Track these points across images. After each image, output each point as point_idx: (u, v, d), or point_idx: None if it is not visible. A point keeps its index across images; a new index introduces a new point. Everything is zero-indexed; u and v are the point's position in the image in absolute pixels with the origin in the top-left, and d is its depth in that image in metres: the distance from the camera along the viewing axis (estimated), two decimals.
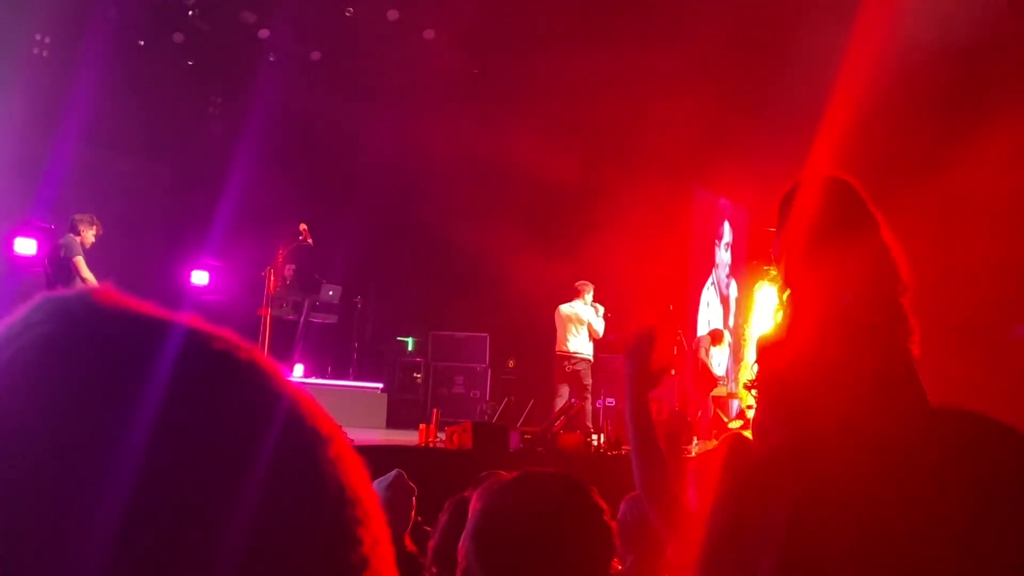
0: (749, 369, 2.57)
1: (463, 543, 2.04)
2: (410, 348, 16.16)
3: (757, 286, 14.74)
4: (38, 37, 12.62)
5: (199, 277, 12.97)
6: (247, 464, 0.55)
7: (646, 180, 13.73)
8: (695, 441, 10.41)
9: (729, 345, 13.92)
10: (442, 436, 8.94)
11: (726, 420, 12.87)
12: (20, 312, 0.59)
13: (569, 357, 12.25)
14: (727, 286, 16.83)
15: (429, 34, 14.27)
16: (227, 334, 0.60)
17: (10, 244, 11.90)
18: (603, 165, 14.26)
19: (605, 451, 9.51)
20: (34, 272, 12.12)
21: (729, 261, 16.90)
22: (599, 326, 12.39)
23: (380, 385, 14.04)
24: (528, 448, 8.68)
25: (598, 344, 12.66)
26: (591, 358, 12.44)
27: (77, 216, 10.91)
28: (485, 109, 13.92)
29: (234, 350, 0.59)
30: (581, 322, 12.35)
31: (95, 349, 0.55)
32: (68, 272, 10.52)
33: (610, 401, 13.68)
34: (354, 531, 0.58)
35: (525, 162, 13.76)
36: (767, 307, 14.29)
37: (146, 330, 0.58)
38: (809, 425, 2.07)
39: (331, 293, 13.77)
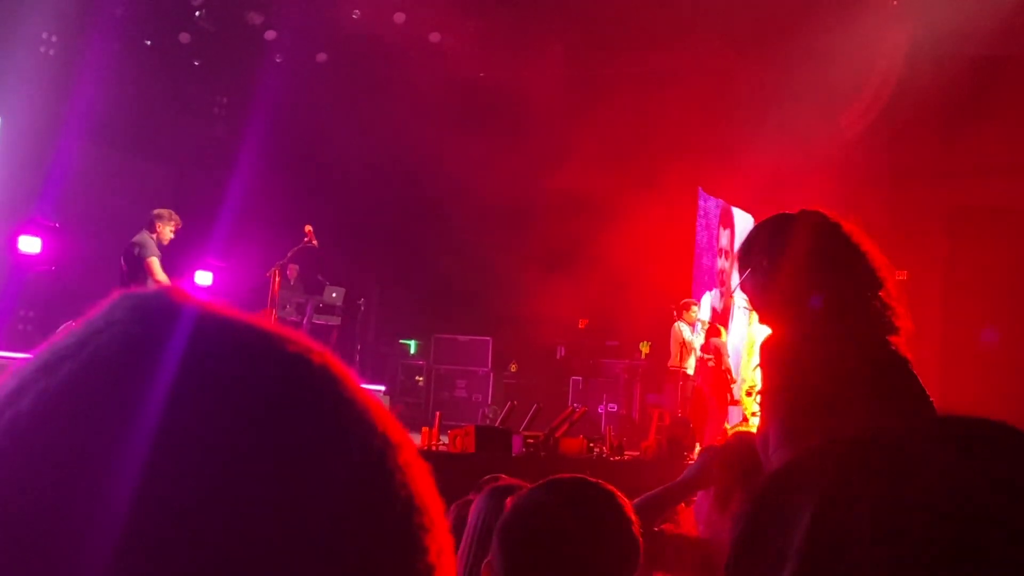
0: (751, 376, 2.57)
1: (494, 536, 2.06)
2: (412, 351, 16.16)
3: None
4: (45, 35, 12.63)
5: (203, 277, 12.96)
6: (320, 469, 0.55)
7: (651, 183, 13.73)
8: (697, 448, 10.38)
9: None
10: (444, 439, 8.93)
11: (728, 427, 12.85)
12: (100, 309, 0.58)
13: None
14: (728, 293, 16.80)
15: (435, 37, 14.28)
16: (300, 337, 0.59)
17: (14, 242, 11.91)
18: (607, 168, 14.26)
19: (607, 456, 9.49)
20: (38, 270, 12.13)
21: (729, 268, 16.85)
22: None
23: (383, 388, 14.03)
24: (531, 453, 8.66)
25: (595, 350, 12.74)
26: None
27: (155, 211, 10.44)
28: (490, 113, 13.93)
29: (307, 353, 0.58)
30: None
31: (174, 348, 0.55)
32: (143, 271, 10.12)
33: (612, 407, 13.68)
34: (422, 539, 0.57)
35: (529, 166, 13.78)
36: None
37: (222, 331, 0.58)
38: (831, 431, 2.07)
39: (334, 295, 13.77)
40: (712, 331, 13.66)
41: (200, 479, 0.51)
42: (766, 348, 2.57)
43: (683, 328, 13.02)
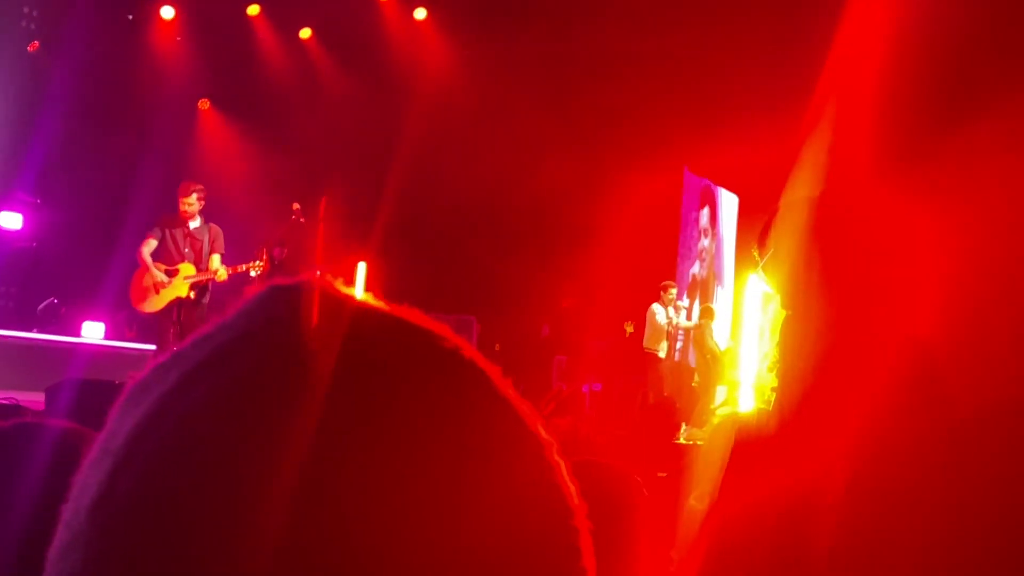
0: (770, 352, 2.56)
1: None
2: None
3: (747, 276, 14.78)
4: (26, 10, 12.48)
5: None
6: (489, 469, 0.54)
7: (637, 163, 13.72)
8: (683, 428, 10.43)
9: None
10: None
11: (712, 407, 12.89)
12: (252, 301, 0.58)
13: None
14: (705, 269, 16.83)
15: (420, 13, 14.21)
16: (448, 331, 0.58)
17: None
18: (594, 148, 14.24)
19: (592, 436, 9.51)
20: (19, 246, 12.03)
21: (709, 247, 16.86)
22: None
23: None
24: None
25: (585, 329, 12.75)
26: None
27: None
28: (477, 91, 13.86)
29: (461, 350, 0.57)
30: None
31: (338, 345, 0.54)
32: None
33: (596, 386, 13.70)
34: (576, 542, 0.56)
35: (515, 144, 13.75)
36: (755, 299, 14.33)
37: (385, 329, 0.57)
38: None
39: (319, 274, 13.72)
40: (705, 312, 13.72)
41: (366, 479, 0.51)
42: (787, 329, 2.56)
43: (657, 310, 13.03)
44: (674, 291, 13.14)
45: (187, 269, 9.29)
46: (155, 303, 9.20)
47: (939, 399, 2.35)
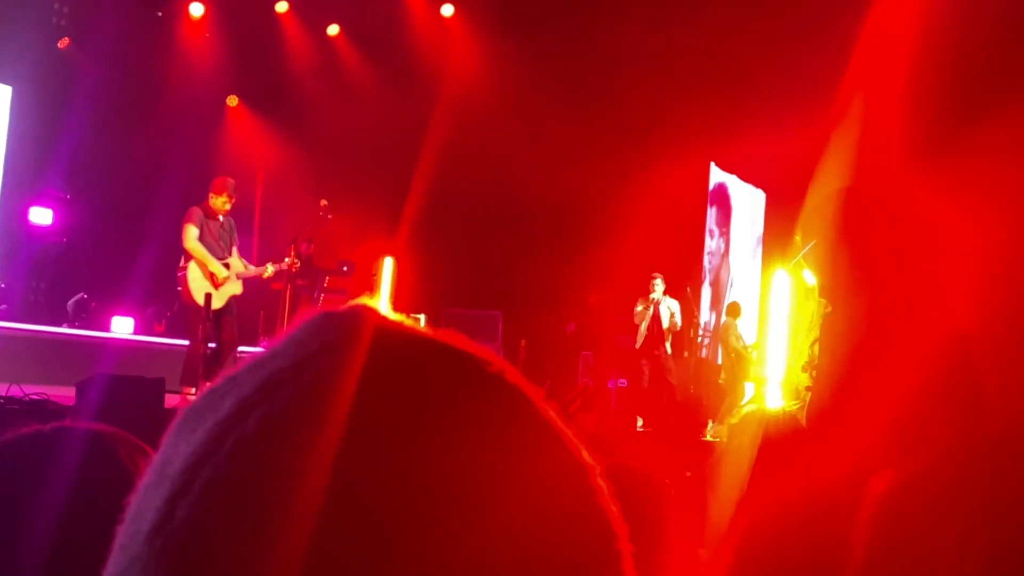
0: (808, 351, 2.56)
1: None
2: (422, 325, 16.11)
3: (774, 270, 14.69)
4: (56, 7, 12.58)
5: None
6: (527, 492, 0.54)
7: (664, 158, 13.68)
8: (710, 425, 10.40)
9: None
10: None
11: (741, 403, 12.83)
12: (305, 327, 0.59)
13: None
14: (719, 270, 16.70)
15: (447, 10, 14.23)
16: (491, 354, 0.59)
17: (25, 214, 11.90)
18: (620, 143, 14.21)
19: (620, 432, 9.51)
20: (50, 242, 12.13)
21: (721, 247, 16.75)
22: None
23: None
24: None
25: (611, 325, 12.67)
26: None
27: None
28: (503, 87, 13.86)
29: (505, 374, 0.58)
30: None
31: (388, 374, 0.55)
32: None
33: (622, 382, 13.67)
34: (620, 566, 0.57)
35: (540, 139, 13.73)
36: (783, 294, 14.20)
37: (433, 356, 0.58)
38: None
39: (345, 269, 13.79)
40: (731, 310, 13.61)
41: (416, 508, 0.51)
42: (827, 325, 2.55)
43: (639, 304, 12.74)
44: (657, 284, 12.69)
45: (236, 265, 9.09)
46: (217, 299, 8.90)
47: (975, 390, 2.34)
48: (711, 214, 16.37)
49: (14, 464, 1.33)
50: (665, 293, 12.62)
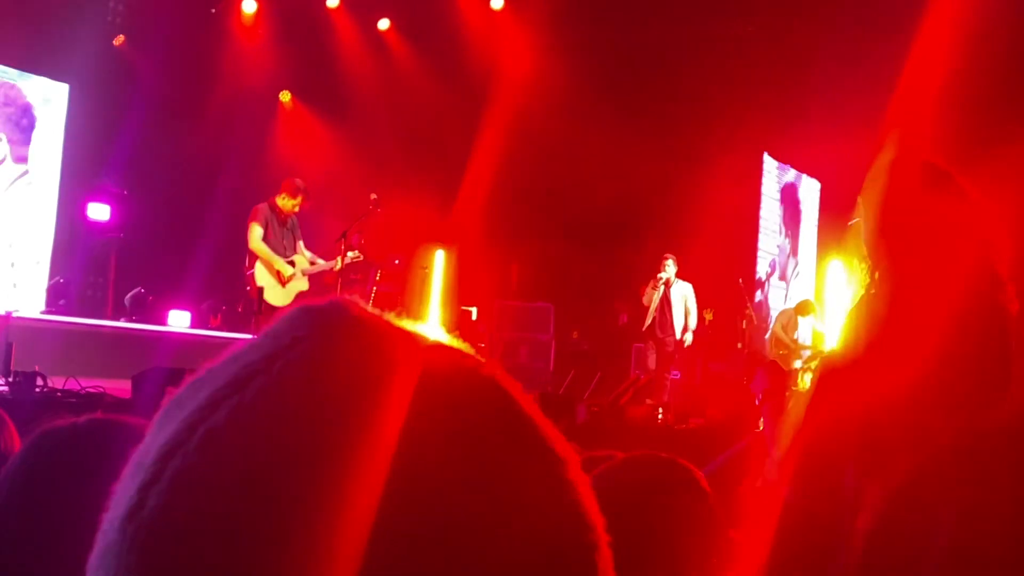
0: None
1: None
2: (474, 318, 16.17)
3: (829, 260, 14.52)
4: (112, 5, 12.76)
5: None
6: (496, 484, 0.55)
7: (717, 148, 13.57)
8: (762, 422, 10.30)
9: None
10: None
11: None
12: (281, 321, 0.59)
13: None
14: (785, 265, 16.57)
15: (498, 3, 14.23)
16: (466, 347, 0.60)
17: (84, 209, 12.09)
18: (674, 133, 14.13)
19: (672, 425, 9.45)
20: (107, 237, 12.30)
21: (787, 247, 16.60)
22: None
23: None
24: (595, 421, 8.64)
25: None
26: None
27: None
28: (554, 80, 13.83)
29: (481, 368, 0.59)
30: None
31: (362, 365, 0.56)
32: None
33: (675, 374, 13.59)
34: (592, 557, 0.57)
35: (593, 131, 13.68)
36: (838, 282, 14.01)
37: (406, 347, 0.58)
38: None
39: (397, 262, 13.84)
40: (801, 308, 13.42)
41: (384, 501, 0.52)
42: (860, 308, 2.54)
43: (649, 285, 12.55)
44: (669, 265, 12.44)
45: (301, 262, 9.29)
46: (283, 296, 9.07)
47: (1007, 368, 2.34)
48: (778, 211, 16.27)
49: (50, 455, 1.34)
50: (678, 276, 12.46)
